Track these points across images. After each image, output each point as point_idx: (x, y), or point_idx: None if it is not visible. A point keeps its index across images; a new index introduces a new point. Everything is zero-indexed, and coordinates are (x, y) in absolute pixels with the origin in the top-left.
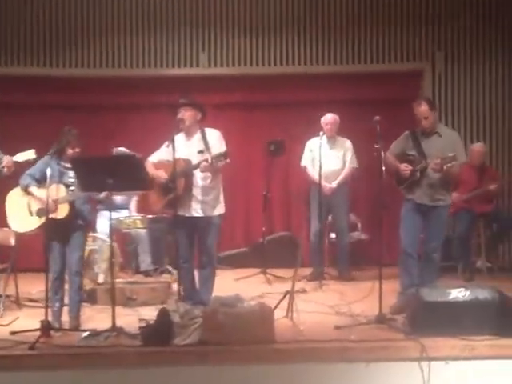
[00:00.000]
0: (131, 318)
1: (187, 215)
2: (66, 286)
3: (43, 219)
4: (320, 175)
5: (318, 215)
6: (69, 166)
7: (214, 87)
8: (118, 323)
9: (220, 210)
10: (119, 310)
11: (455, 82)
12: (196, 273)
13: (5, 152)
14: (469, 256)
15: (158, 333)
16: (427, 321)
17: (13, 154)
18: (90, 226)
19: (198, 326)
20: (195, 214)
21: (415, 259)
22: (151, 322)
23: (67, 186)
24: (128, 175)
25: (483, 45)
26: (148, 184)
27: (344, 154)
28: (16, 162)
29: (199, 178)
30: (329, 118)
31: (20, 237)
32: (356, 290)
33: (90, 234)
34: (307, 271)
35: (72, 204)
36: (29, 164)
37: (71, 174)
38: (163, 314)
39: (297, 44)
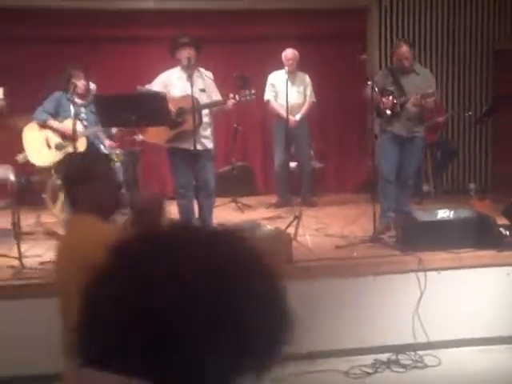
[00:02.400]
0: None
1: (192, 148)
2: None
3: (62, 152)
4: (287, 109)
5: (284, 146)
6: (80, 101)
7: (166, 22)
8: None
9: (212, 144)
10: None
11: (399, 16)
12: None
13: None
14: (420, 182)
15: None
16: (420, 238)
17: None
18: None
19: None
20: (199, 148)
21: (393, 185)
22: None
23: (81, 120)
24: (152, 111)
25: None
26: (169, 120)
27: (304, 89)
28: None
29: (203, 114)
30: (289, 54)
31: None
32: (326, 215)
33: None
34: (272, 199)
35: (88, 138)
36: None
37: (82, 109)
38: None
39: None
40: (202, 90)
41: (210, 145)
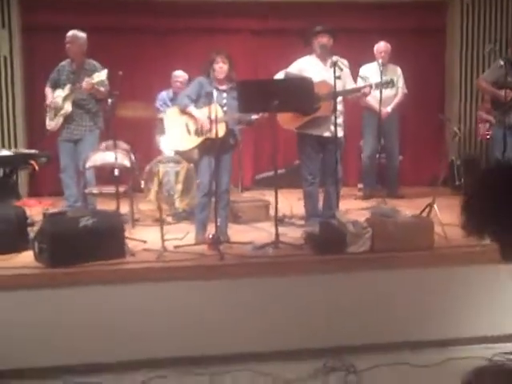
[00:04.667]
0: (261, 233)
1: (325, 135)
2: None
3: (201, 138)
4: (380, 101)
5: (374, 138)
6: (222, 87)
7: (229, 12)
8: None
9: (343, 132)
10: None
11: (481, 12)
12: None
13: None
14: None
15: (332, 242)
16: None
17: None
18: (239, 146)
19: (369, 236)
20: (329, 135)
21: None
22: (316, 233)
23: (221, 106)
24: (297, 96)
25: None
26: (312, 106)
27: (396, 81)
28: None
29: (338, 102)
30: (382, 46)
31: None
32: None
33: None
34: (354, 190)
35: (227, 124)
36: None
37: (224, 94)
38: (333, 225)
39: None
40: (338, 78)
41: (340, 133)
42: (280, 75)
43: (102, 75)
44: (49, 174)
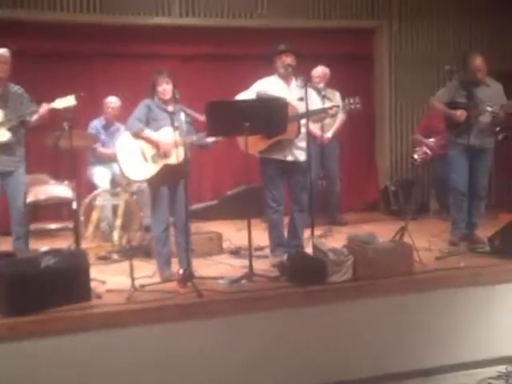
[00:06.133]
0: (223, 267)
1: (288, 159)
2: None
3: (159, 165)
4: (322, 126)
5: (315, 164)
6: (170, 108)
7: (186, 38)
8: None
9: (305, 156)
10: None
11: (409, 39)
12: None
13: None
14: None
15: (312, 272)
16: None
17: None
18: None
19: (351, 263)
20: (291, 159)
21: (466, 197)
22: (293, 264)
23: (176, 129)
24: (269, 118)
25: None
26: (286, 128)
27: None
28: (53, 110)
29: (301, 124)
30: (319, 71)
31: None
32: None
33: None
34: None
35: (185, 148)
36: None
37: (173, 116)
38: (308, 254)
39: None
40: (300, 99)
41: (302, 157)
42: (242, 96)
43: (70, 100)
44: None
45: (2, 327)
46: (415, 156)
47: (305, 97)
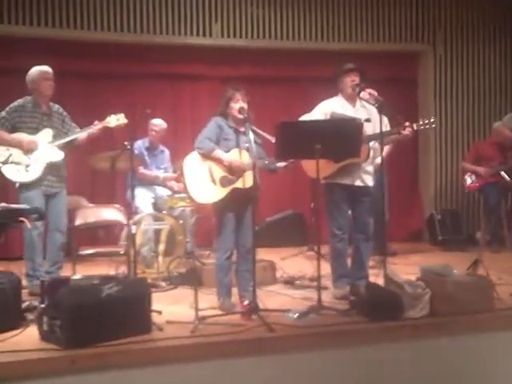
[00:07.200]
0: (283, 298)
1: (357, 184)
2: None
3: (228, 189)
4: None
5: None
6: (241, 129)
7: (225, 58)
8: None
9: (373, 181)
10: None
11: (454, 64)
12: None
13: None
14: (497, 228)
15: (387, 307)
16: None
17: None
18: None
19: (428, 297)
20: (360, 184)
21: None
22: (365, 297)
23: (246, 151)
24: (344, 140)
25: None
26: (359, 151)
27: None
28: (106, 128)
29: (370, 147)
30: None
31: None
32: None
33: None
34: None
35: (255, 172)
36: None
37: (244, 138)
38: (382, 287)
39: (307, 20)
40: (367, 120)
41: (370, 182)
42: (307, 118)
43: (121, 119)
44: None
45: (64, 361)
46: (468, 181)
47: (379, 117)
